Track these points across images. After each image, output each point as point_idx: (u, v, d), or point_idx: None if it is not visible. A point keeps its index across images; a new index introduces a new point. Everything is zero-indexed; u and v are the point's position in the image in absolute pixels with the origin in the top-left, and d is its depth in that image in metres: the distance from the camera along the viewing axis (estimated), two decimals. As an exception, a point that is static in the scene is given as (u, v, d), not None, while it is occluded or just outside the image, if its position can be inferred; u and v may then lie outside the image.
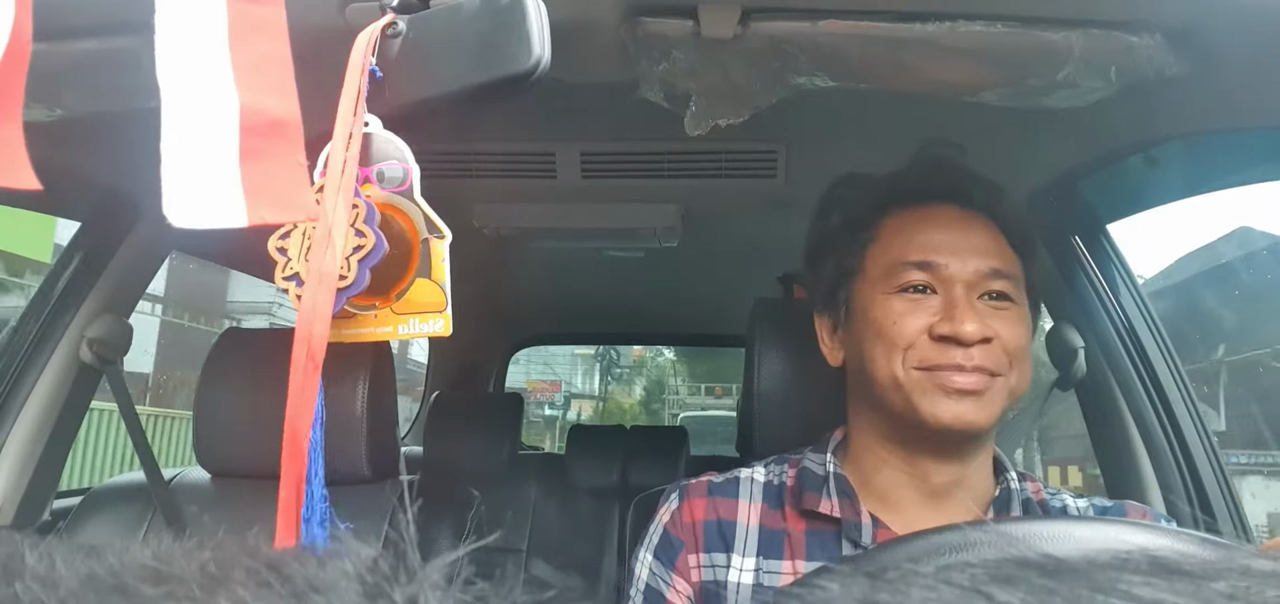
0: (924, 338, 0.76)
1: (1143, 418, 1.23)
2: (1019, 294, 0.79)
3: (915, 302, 0.77)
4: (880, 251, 0.82)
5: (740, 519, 0.83)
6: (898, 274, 0.78)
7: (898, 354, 0.76)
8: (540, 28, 0.63)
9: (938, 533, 0.47)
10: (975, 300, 0.76)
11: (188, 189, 0.48)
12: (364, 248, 0.59)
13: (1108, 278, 1.27)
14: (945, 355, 0.74)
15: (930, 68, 0.80)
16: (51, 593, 0.21)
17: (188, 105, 0.48)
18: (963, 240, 0.78)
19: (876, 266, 0.81)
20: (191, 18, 0.49)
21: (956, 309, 0.75)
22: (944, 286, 0.77)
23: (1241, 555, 0.25)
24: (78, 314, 1.30)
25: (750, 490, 0.85)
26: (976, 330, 0.73)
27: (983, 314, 0.75)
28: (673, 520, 0.85)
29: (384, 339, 0.65)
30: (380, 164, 0.64)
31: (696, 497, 0.85)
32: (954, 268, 0.77)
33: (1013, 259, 0.80)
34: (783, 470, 0.86)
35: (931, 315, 0.76)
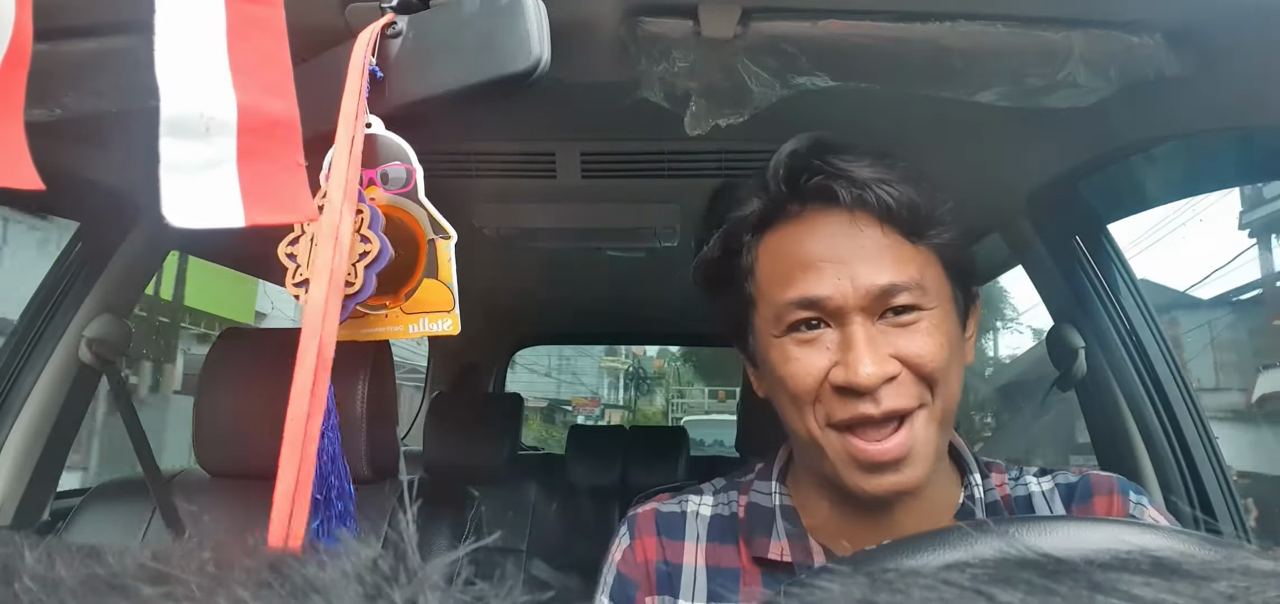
0: (826, 388, 0.66)
1: (1143, 418, 1.23)
2: (931, 296, 0.67)
3: (809, 341, 0.67)
4: (764, 284, 0.71)
5: (686, 561, 0.77)
6: (782, 316, 0.68)
7: (806, 409, 0.67)
8: (540, 27, 0.63)
9: (938, 534, 0.47)
10: (875, 327, 0.65)
11: (186, 189, 0.48)
12: (370, 254, 0.59)
13: (1108, 278, 1.27)
14: (849, 408, 0.64)
15: (930, 68, 0.80)
16: (51, 593, 0.21)
17: (186, 105, 0.48)
18: (847, 254, 0.66)
19: (764, 303, 0.70)
20: (190, 18, 0.49)
21: (852, 351, 0.64)
22: (836, 318, 0.66)
23: (1241, 555, 0.25)
24: (77, 315, 1.30)
25: (697, 528, 0.78)
26: (875, 373, 0.63)
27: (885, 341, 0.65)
28: (624, 559, 0.79)
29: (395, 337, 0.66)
30: (384, 166, 0.64)
31: (646, 533, 0.79)
32: (841, 295, 0.65)
33: (916, 257, 0.67)
34: (732, 499, 0.80)
35: (829, 355, 0.66)
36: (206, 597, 0.21)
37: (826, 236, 0.68)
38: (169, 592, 0.21)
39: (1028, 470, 0.77)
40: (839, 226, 0.68)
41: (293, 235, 0.63)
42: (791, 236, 0.70)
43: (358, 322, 0.65)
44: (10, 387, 1.27)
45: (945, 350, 0.66)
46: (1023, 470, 0.77)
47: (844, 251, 0.67)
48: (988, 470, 0.76)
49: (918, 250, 0.68)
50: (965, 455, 0.75)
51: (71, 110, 0.85)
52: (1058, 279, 1.29)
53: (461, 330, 0.64)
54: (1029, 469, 0.78)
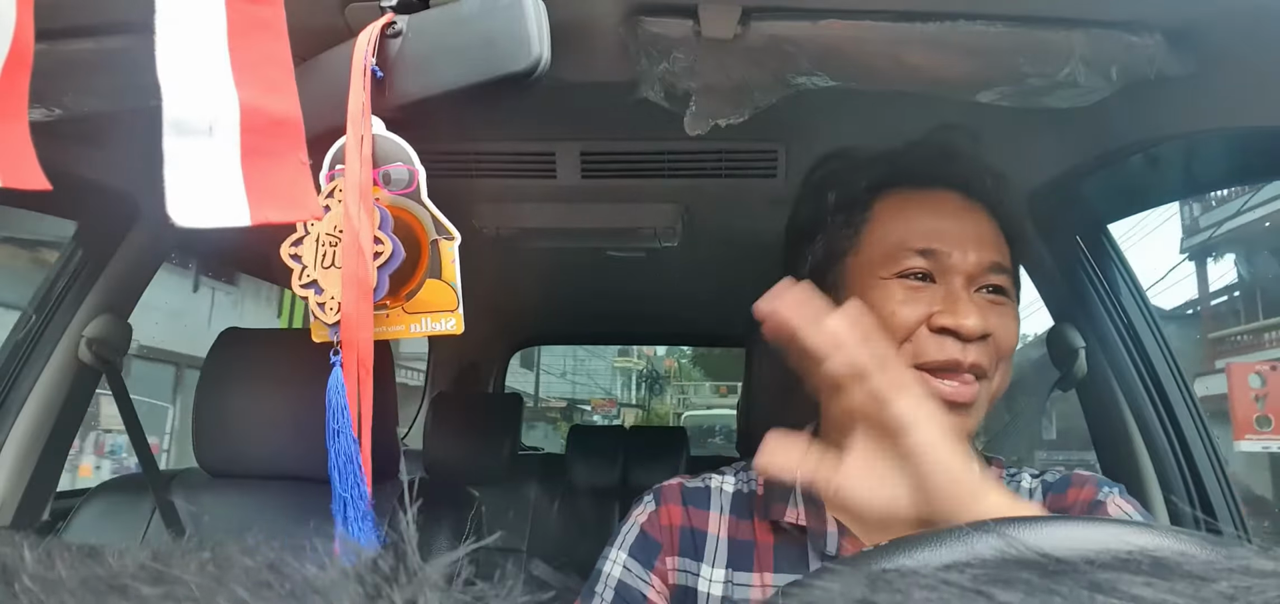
0: (923, 330, 0.73)
1: (1143, 417, 1.23)
2: (1012, 290, 0.77)
3: (915, 289, 0.74)
4: (878, 233, 0.78)
5: (711, 529, 0.82)
6: (898, 258, 0.75)
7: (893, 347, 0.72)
8: (540, 28, 0.63)
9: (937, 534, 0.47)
10: (974, 293, 0.74)
11: (190, 189, 0.48)
12: (382, 254, 0.59)
13: (1108, 278, 1.27)
14: (943, 350, 0.72)
15: (930, 68, 0.80)
16: (51, 593, 0.21)
17: (188, 105, 0.48)
18: (965, 230, 0.76)
19: (874, 248, 0.78)
20: (191, 18, 0.49)
21: (958, 301, 0.72)
22: (944, 276, 0.74)
23: (1241, 555, 0.25)
24: (77, 315, 1.30)
25: (721, 501, 0.83)
26: (978, 324, 0.71)
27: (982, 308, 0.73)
28: (650, 521, 0.83)
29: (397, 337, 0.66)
30: (386, 167, 0.64)
31: (671, 501, 0.84)
32: (956, 257, 0.74)
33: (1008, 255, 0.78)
34: (752, 478, 0.85)
35: (930, 306, 0.73)
36: (206, 597, 0.21)
37: (952, 210, 0.78)
38: (169, 592, 0.21)
39: (1026, 469, 0.82)
40: (959, 206, 0.78)
41: (296, 236, 0.63)
42: (916, 202, 0.79)
43: None
44: (10, 387, 1.27)
45: (1016, 340, 0.76)
46: (1022, 468, 0.82)
47: (964, 225, 0.77)
48: (989, 463, 0.81)
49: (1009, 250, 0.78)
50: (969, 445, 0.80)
51: (71, 110, 0.85)
52: (1058, 279, 1.29)
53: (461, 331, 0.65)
54: (1028, 468, 0.82)
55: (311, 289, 0.62)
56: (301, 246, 0.63)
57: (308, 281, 0.62)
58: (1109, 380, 1.25)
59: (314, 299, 0.62)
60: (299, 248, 0.63)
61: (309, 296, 0.62)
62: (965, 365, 0.71)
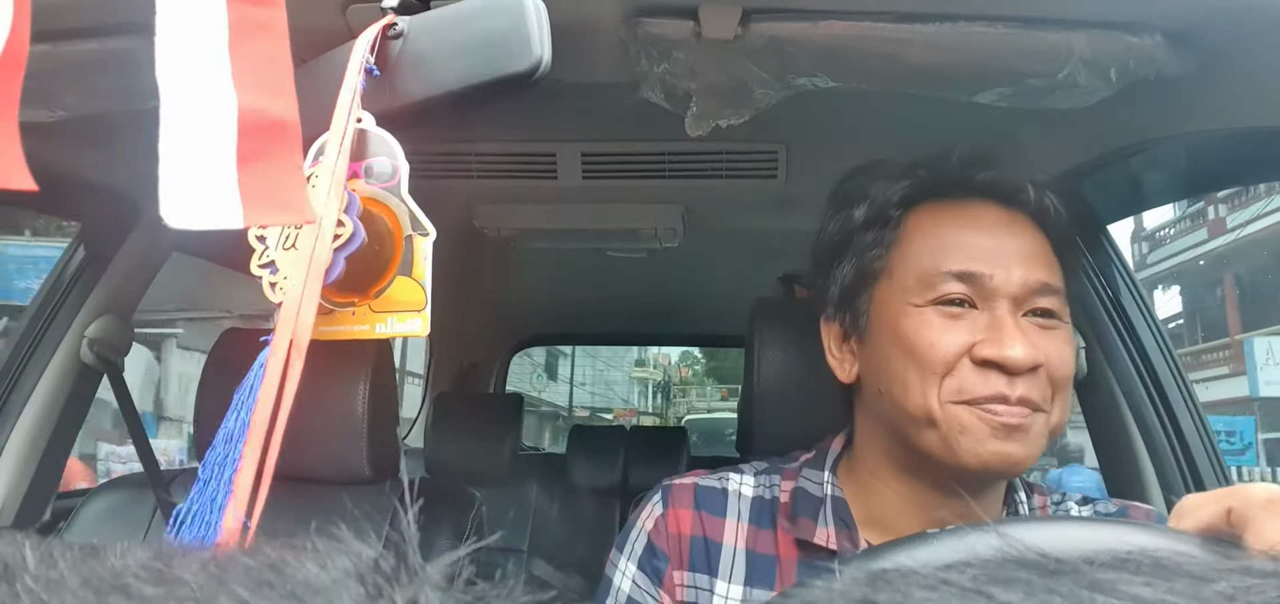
0: (965, 362, 0.65)
1: (1143, 417, 1.22)
2: (1065, 311, 0.68)
3: (954, 317, 0.66)
4: (910, 254, 0.70)
5: (727, 540, 0.75)
6: (933, 284, 0.67)
7: (934, 382, 0.65)
8: (540, 28, 0.63)
9: (937, 534, 0.47)
10: (1021, 318, 0.66)
11: (185, 190, 0.48)
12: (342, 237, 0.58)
13: (1108, 278, 1.26)
14: (988, 384, 0.64)
15: (930, 68, 0.80)
16: (52, 593, 0.21)
17: (186, 106, 0.48)
18: (1007, 246, 0.68)
19: (906, 272, 0.70)
20: (191, 19, 0.49)
21: (1004, 330, 0.64)
22: (986, 301, 0.66)
23: (1241, 555, 0.25)
24: (79, 315, 1.30)
25: (738, 507, 0.76)
26: (1026, 355, 0.63)
27: (1030, 335, 0.65)
28: (657, 528, 0.76)
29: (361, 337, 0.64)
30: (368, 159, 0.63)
31: (682, 505, 0.77)
32: (999, 279, 0.66)
33: (1058, 270, 0.69)
34: (774, 482, 0.78)
35: (972, 334, 0.65)
36: (207, 597, 0.21)
37: (989, 225, 0.70)
38: (170, 592, 0.21)
39: (1071, 498, 0.77)
40: (1001, 219, 0.70)
41: None
42: (951, 216, 0.71)
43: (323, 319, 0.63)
44: (12, 387, 1.27)
45: (1072, 366, 0.67)
46: (1066, 497, 0.78)
47: (1005, 243, 0.68)
48: (1031, 492, 0.76)
49: (1059, 266, 0.70)
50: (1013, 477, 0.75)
51: (73, 111, 0.85)
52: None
53: (461, 330, 0.64)
54: (1073, 496, 0.78)
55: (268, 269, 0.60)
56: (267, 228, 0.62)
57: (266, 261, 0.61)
58: (1109, 380, 1.25)
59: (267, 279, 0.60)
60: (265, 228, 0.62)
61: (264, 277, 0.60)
62: (1013, 400, 0.64)
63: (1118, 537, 0.47)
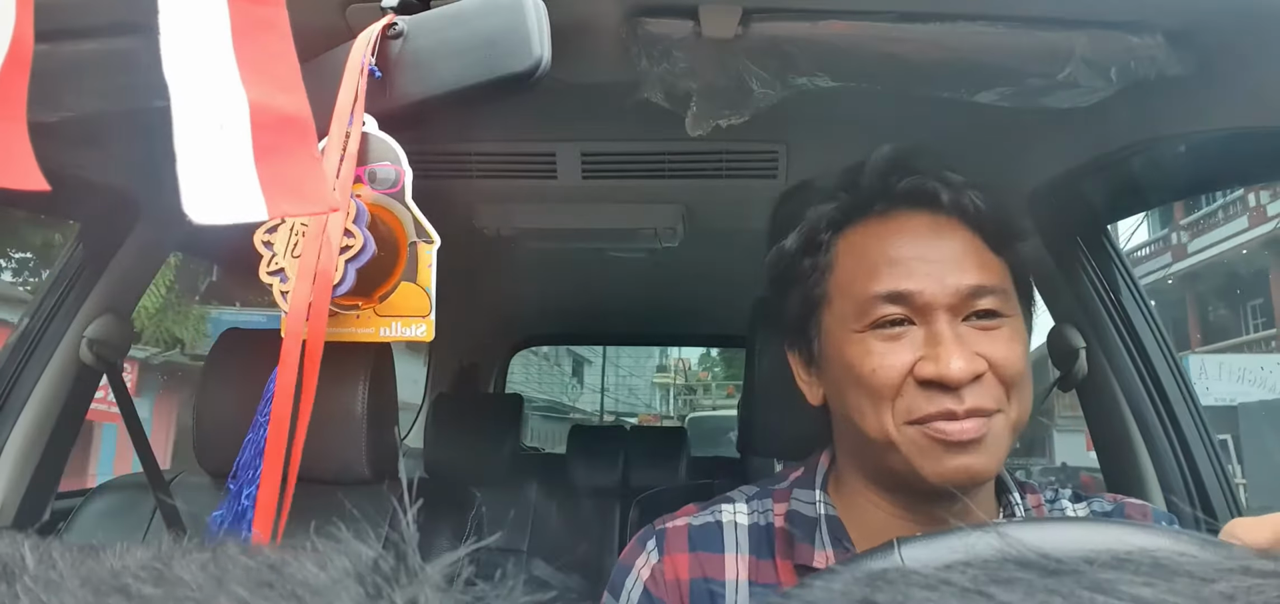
0: (909, 383, 0.65)
1: (1144, 417, 1.23)
2: (1010, 307, 0.68)
3: (893, 338, 0.66)
4: (844, 280, 0.70)
5: (728, 576, 0.73)
6: (868, 309, 0.67)
7: (886, 407, 0.66)
8: (540, 28, 0.63)
9: (937, 534, 0.47)
10: (960, 326, 0.66)
11: (205, 186, 0.48)
12: (352, 248, 0.58)
13: (1108, 278, 1.27)
14: (934, 402, 0.64)
15: (930, 68, 0.80)
16: (52, 593, 0.21)
17: (197, 105, 0.48)
18: (936, 254, 0.67)
19: (843, 299, 0.70)
20: (193, 19, 0.49)
21: (941, 346, 0.64)
22: (923, 315, 0.66)
23: (1241, 555, 0.25)
24: (78, 315, 1.30)
25: (736, 539, 0.75)
26: (966, 368, 0.63)
27: (971, 341, 0.65)
28: (654, 578, 0.74)
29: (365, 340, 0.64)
30: (373, 165, 0.63)
31: (678, 550, 0.74)
32: (930, 292, 0.65)
33: (997, 267, 0.68)
34: (768, 508, 0.77)
35: (913, 351, 0.65)
36: (207, 597, 0.21)
37: (915, 236, 0.68)
38: (170, 592, 0.21)
39: (1063, 494, 0.77)
40: (927, 227, 0.69)
41: (270, 223, 0.62)
42: (878, 234, 0.70)
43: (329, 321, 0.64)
44: (11, 387, 1.27)
45: (1023, 360, 0.67)
46: (1059, 493, 0.77)
47: (933, 251, 0.67)
48: (1024, 492, 0.76)
49: (999, 261, 0.69)
50: (1004, 476, 0.75)
51: (74, 111, 0.85)
52: (1058, 279, 1.29)
53: (462, 330, 0.64)
54: (1064, 492, 0.77)
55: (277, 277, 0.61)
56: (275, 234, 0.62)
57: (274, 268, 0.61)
58: (1109, 380, 1.25)
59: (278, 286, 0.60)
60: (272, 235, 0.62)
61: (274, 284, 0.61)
62: (962, 414, 0.63)
63: (1118, 537, 0.47)
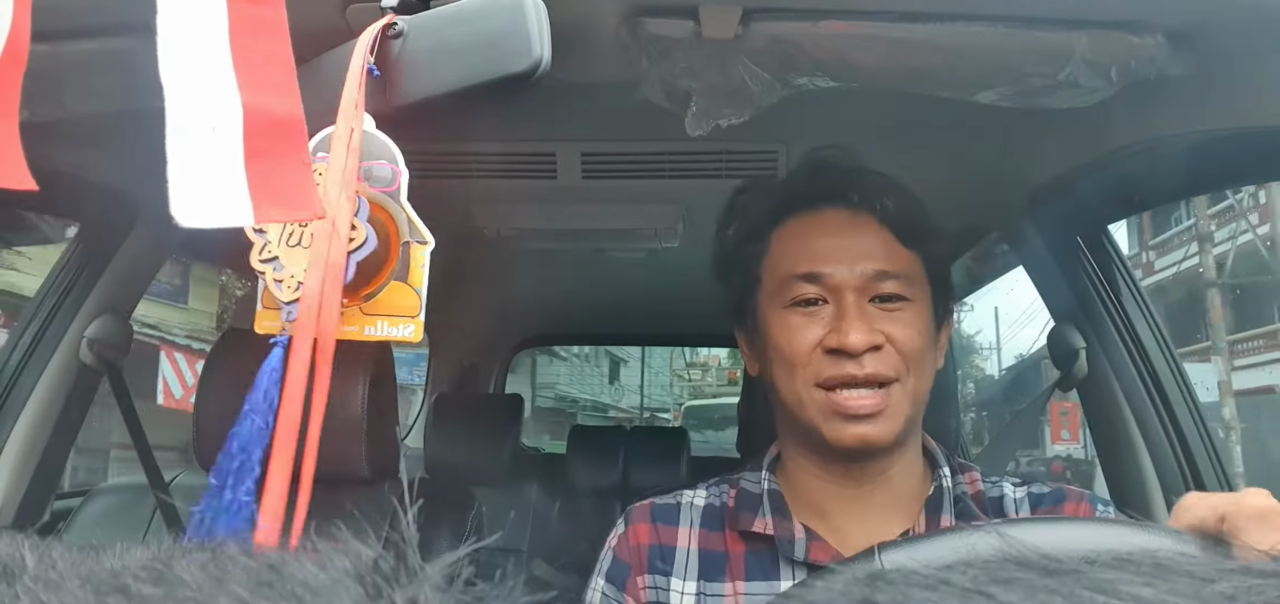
0: (818, 353, 0.76)
1: (1144, 418, 1.23)
2: (915, 291, 0.78)
3: (809, 315, 0.77)
4: (773, 264, 0.82)
5: (680, 544, 0.84)
6: (789, 288, 0.78)
7: (797, 373, 0.76)
8: (540, 28, 0.63)
9: (937, 534, 0.47)
10: (866, 306, 0.76)
11: (194, 189, 0.48)
12: (355, 242, 0.58)
13: (1108, 278, 1.27)
14: (837, 368, 0.74)
15: (930, 68, 0.80)
16: (52, 593, 0.21)
17: (191, 106, 0.48)
18: (848, 244, 0.78)
19: (771, 280, 0.81)
20: (192, 18, 0.49)
21: (845, 319, 0.75)
22: (834, 296, 0.77)
23: (1241, 555, 0.25)
24: (78, 315, 1.30)
25: (691, 516, 0.86)
26: (863, 339, 0.73)
27: (873, 319, 0.75)
28: (619, 544, 0.87)
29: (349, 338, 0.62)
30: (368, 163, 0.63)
31: (640, 521, 0.87)
32: (841, 275, 0.76)
33: (905, 256, 0.79)
34: (723, 492, 0.87)
35: (824, 327, 0.76)
36: (207, 597, 0.21)
37: (833, 227, 0.80)
38: (170, 592, 0.21)
39: (1007, 478, 0.84)
40: (844, 221, 0.80)
41: None
42: (803, 226, 0.81)
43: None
44: (11, 387, 1.27)
45: (922, 338, 0.77)
46: (1003, 477, 0.84)
47: (846, 240, 0.78)
48: (960, 470, 0.84)
49: (907, 253, 0.79)
50: (936, 453, 0.84)
51: (72, 110, 0.85)
52: (1058, 279, 1.29)
53: (461, 330, 0.64)
54: (1009, 477, 0.84)
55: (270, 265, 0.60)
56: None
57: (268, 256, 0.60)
58: (1109, 380, 1.25)
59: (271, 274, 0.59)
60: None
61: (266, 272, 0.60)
62: (861, 378, 0.74)
63: (1118, 537, 0.47)
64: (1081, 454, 12.44)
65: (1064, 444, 12.87)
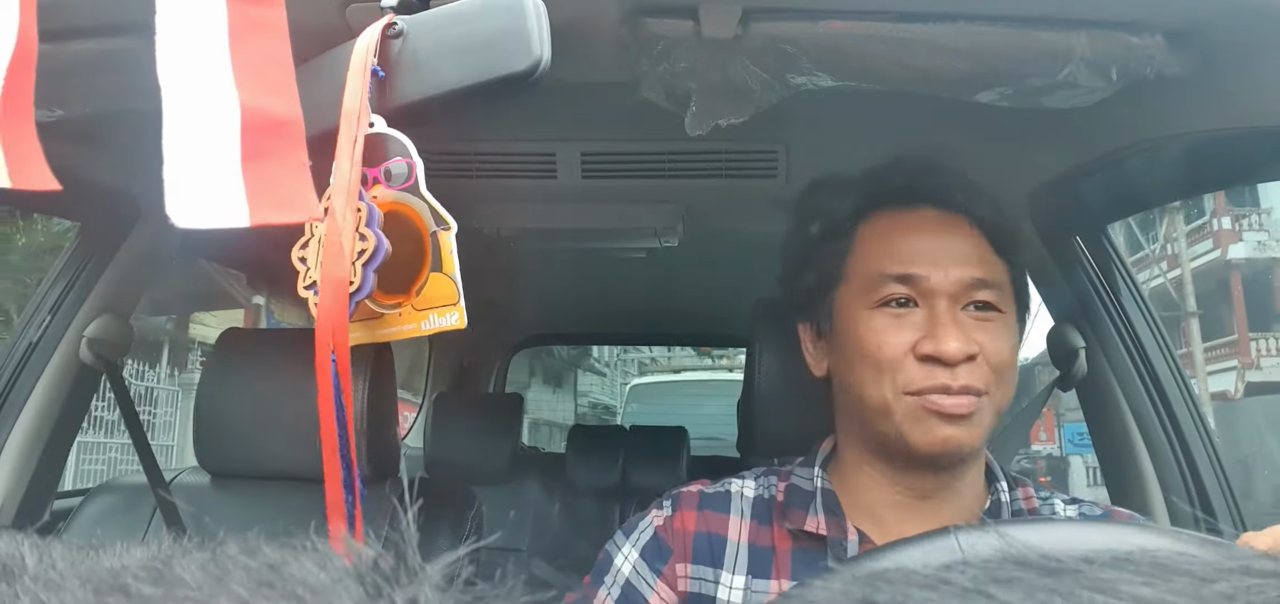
0: (909, 359, 0.73)
1: (1143, 418, 1.23)
2: (1005, 303, 0.76)
3: (898, 317, 0.74)
4: (860, 261, 0.79)
5: (731, 535, 0.81)
6: (878, 287, 0.76)
7: (886, 377, 0.73)
8: (540, 28, 0.63)
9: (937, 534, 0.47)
10: (959, 313, 0.74)
11: (190, 189, 0.48)
12: (366, 251, 0.59)
13: (1108, 278, 1.27)
14: (931, 377, 0.72)
15: (930, 68, 0.80)
16: (52, 593, 0.21)
17: (189, 105, 0.48)
18: (944, 248, 0.76)
19: (857, 277, 0.78)
20: (192, 18, 0.49)
21: (940, 326, 0.72)
22: (926, 300, 0.74)
23: (1241, 555, 0.25)
24: (78, 315, 1.30)
25: (741, 506, 0.82)
26: (961, 348, 0.71)
27: (967, 328, 0.73)
28: (665, 526, 0.82)
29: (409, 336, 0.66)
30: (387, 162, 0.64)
31: (688, 507, 0.83)
32: (936, 279, 0.74)
33: (998, 266, 0.77)
34: (772, 483, 0.84)
35: (915, 331, 0.73)
36: (207, 597, 0.21)
37: (928, 228, 0.78)
38: (170, 591, 0.21)
39: (1058, 496, 0.82)
40: (940, 223, 0.78)
41: (303, 238, 0.64)
42: (896, 224, 0.79)
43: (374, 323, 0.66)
44: (11, 387, 1.27)
45: (1012, 352, 0.75)
46: (1053, 494, 0.82)
47: (943, 244, 0.76)
48: (1015, 485, 0.81)
49: (1000, 262, 0.77)
50: (993, 465, 0.81)
51: (73, 111, 0.85)
52: (1058, 279, 1.29)
53: (461, 330, 0.65)
54: (1060, 495, 0.82)
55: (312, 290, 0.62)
56: (307, 249, 0.63)
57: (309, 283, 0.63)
58: (1109, 380, 1.25)
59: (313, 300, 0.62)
60: (305, 250, 0.64)
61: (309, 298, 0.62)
62: (955, 389, 0.71)
63: (1118, 537, 0.47)
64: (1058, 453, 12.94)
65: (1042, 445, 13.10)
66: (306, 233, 0.63)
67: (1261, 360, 15.92)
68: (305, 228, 0.63)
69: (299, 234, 0.63)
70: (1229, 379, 15.36)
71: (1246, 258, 16.37)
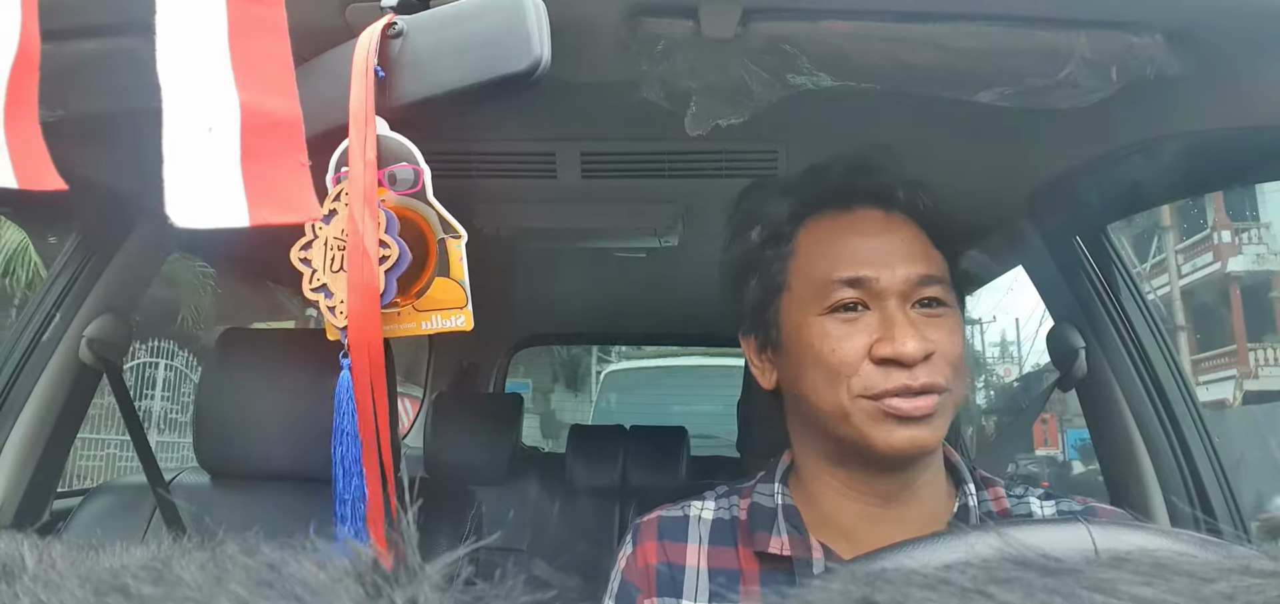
0: (866, 363, 0.71)
1: (1143, 418, 1.23)
2: (950, 297, 0.75)
3: (850, 321, 0.73)
4: (804, 266, 0.77)
5: (689, 563, 0.80)
6: (827, 293, 0.73)
7: (840, 383, 0.72)
8: (540, 28, 0.63)
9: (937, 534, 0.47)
10: (910, 312, 0.73)
11: (189, 189, 0.48)
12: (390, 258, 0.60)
13: (1108, 278, 1.27)
14: (889, 379, 0.70)
15: (930, 68, 0.80)
16: (51, 593, 0.21)
17: (189, 105, 0.48)
18: (890, 247, 0.74)
19: (802, 283, 0.76)
20: (191, 18, 0.49)
21: (896, 327, 0.71)
22: (877, 301, 0.73)
23: (1242, 555, 0.25)
24: (78, 314, 1.30)
25: (699, 531, 0.81)
26: (919, 348, 0.70)
27: (920, 326, 0.72)
28: (628, 566, 0.82)
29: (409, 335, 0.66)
30: (392, 167, 0.64)
31: (648, 538, 0.82)
32: (885, 280, 0.72)
33: (940, 261, 0.76)
34: (733, 504, 0.83)
35: (869, 334, 0.72)
36: (207, 597, 0.21)
37: (873, 229, 0.76)
38: (169, 592, 0.21)
39: (1033, 492, 0.80)
40: (884, 222, 0.76)
41: (304, 239, 0.63)
42: (838, 226, 0.77)
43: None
44: (11, 387, 1.27)
45: (962, 347, 0.74)
46: (1028, 490, 0.80)
47: (889, 243, 0.75)
48: (985, 485, 0.80)
49: (939, 255, 0.76)
50: (960, 467, 0.79)
51: (73, 111, 0.84)
52: (1058, 279, 1.29)
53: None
54: (1035, 490, 0.80)
55: (321, 293, 0.63)
56: (310, 250, 0.63)
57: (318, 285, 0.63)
58: (1109, 380, 1.25)
59: (324, 303, 0.62)
60: (308, 251, 0.63)
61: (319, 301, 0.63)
62: (916, 389, 0.70)
63: (1118, 537, 0.47)
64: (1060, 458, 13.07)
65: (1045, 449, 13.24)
66: (308, 233, 0.63)
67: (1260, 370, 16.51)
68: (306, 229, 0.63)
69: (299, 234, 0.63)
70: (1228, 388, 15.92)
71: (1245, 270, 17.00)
